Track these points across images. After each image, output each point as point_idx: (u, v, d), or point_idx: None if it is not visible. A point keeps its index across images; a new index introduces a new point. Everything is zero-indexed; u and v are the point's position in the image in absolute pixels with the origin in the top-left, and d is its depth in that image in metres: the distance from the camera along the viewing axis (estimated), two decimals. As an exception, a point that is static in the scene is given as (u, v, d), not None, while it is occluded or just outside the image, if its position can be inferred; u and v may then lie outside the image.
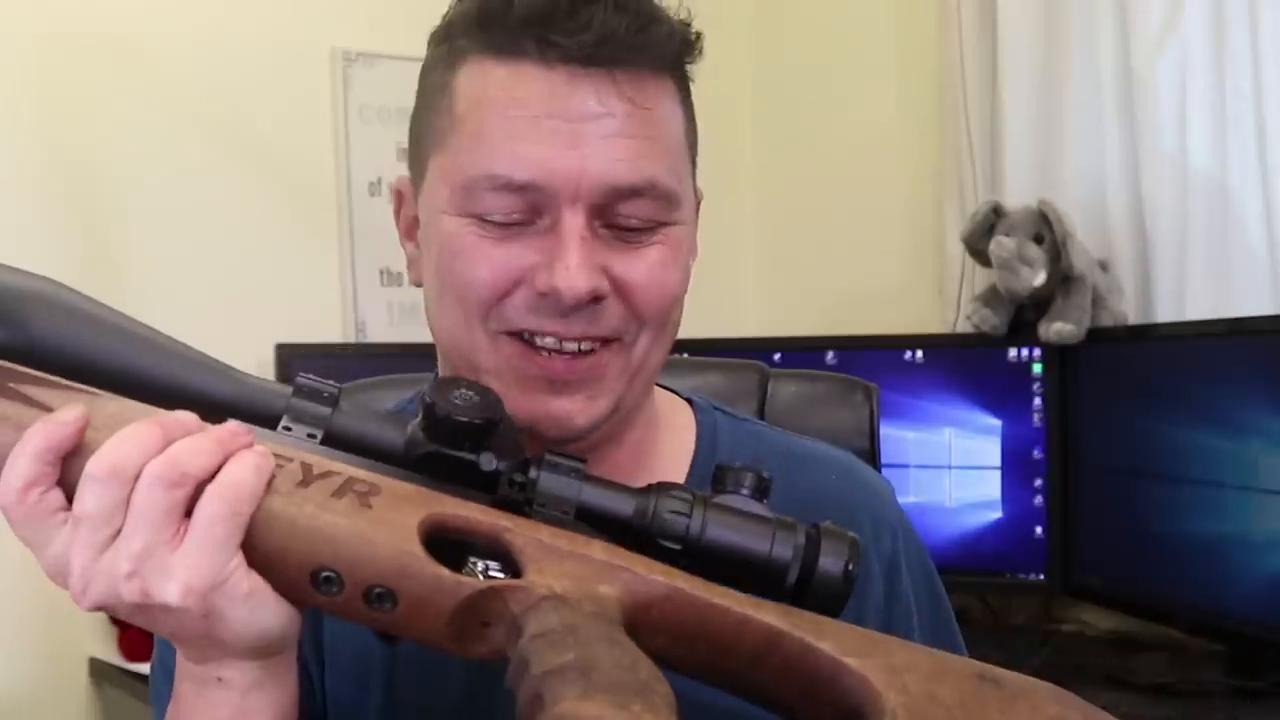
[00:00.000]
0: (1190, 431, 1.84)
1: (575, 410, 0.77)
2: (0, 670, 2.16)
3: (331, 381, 0.65)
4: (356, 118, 2.38)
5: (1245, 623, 1.75)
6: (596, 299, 0.76)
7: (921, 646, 0.64)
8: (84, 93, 2.15)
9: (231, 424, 0.60)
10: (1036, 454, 2.12)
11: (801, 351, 2.24)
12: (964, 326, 2.26)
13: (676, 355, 0.99)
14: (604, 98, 0.75)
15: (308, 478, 0.60)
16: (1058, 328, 2.04)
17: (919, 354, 2.22)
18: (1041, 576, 2.11)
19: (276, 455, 0.60)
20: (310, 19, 2.35)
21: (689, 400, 0.95)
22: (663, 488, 0.64)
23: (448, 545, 0.60)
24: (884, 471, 1.15)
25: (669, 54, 0.79)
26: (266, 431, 0.63)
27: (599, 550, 0.61)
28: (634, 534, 0.63)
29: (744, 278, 2.77)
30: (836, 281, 2.65)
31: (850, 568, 0.63)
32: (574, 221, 0.75)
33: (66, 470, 0.58)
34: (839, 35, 2.66)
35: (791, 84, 2.73)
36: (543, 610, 0.58)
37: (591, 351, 0.77)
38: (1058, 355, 2.10)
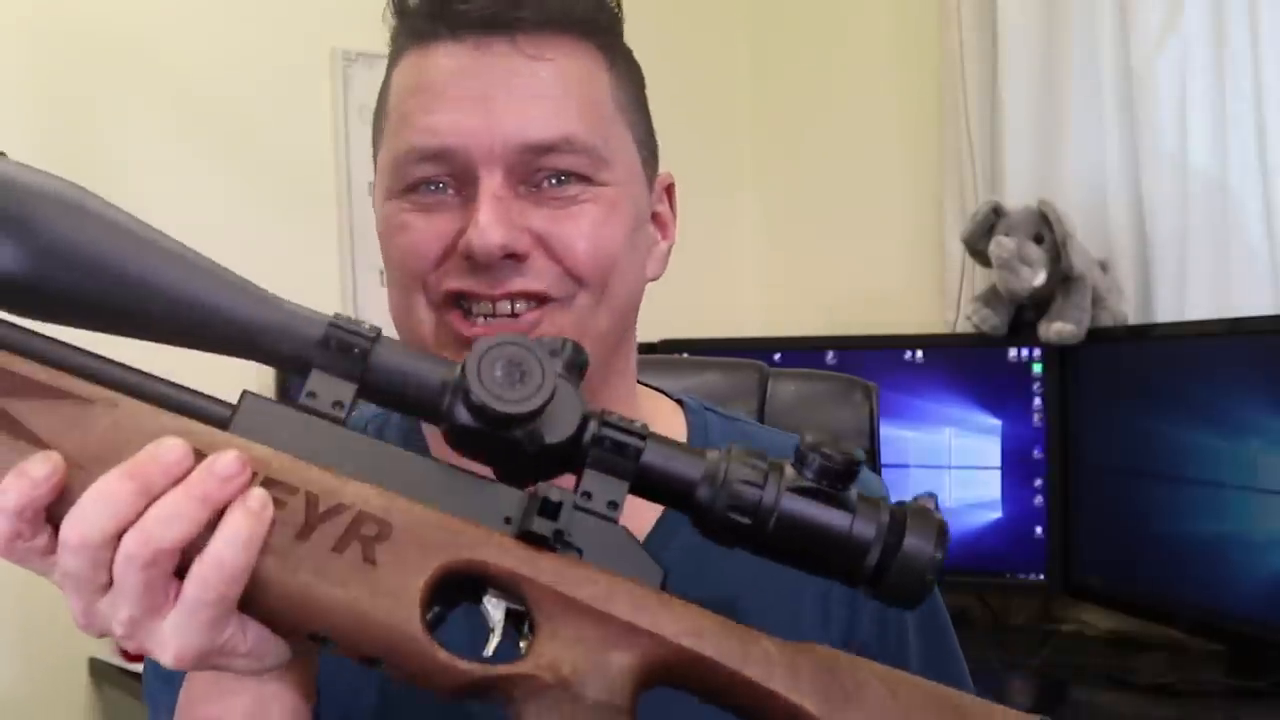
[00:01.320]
0: (1190, 431, 1.84)
1: None
2: (0, 670, 2.16)
3: (369, 325, 0.59)
4: (356, 118, 2.38)
5: (1245, 622, 1.75)
6: (514, 255, 0.77)
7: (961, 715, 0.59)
8: (83, 92, 2.15)
9: (224, 463, 0.54)
10: (1036, 454, 2.12)
11: (801, 351, 2.24)
12: (964, 326, 2.26)
13: (676, 355, 0.99)
14: (510, 59, 0.78)
15: (310, 522, 0.55)
16: (1058, 328, 2.04)
17: (919, 354, 2.22)
18: (1041, 576, 2.11)
19: (276, 489, 0.55)
20: (310, 19, 2.35)
21: (680, 401, 0.95)
22: (733, 452, 0.59)
23: (461, 588, 0.57)
24: (884, 472, 1.15)
25: (576, 14, 0.80)
26: (280, 411, 0.58)
27: (623, 603, 0.57)
28: (700, 506, 0.59)
29: (744, 278, 2.77)
30: (836, 281, 2.65)
31: (938, 555, 0.58)
32: (490, 182, 0.77)
33: (54, 510, 0.54)
34: (839, 35, 2.66)
35: (791, 84, 2.73)
36: (542, 705, 0.55)
37: (526, 312, 0.78)
38: (1058, 355, 2.10)
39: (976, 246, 2.17)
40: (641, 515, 0.85)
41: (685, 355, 2.03)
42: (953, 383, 2.19)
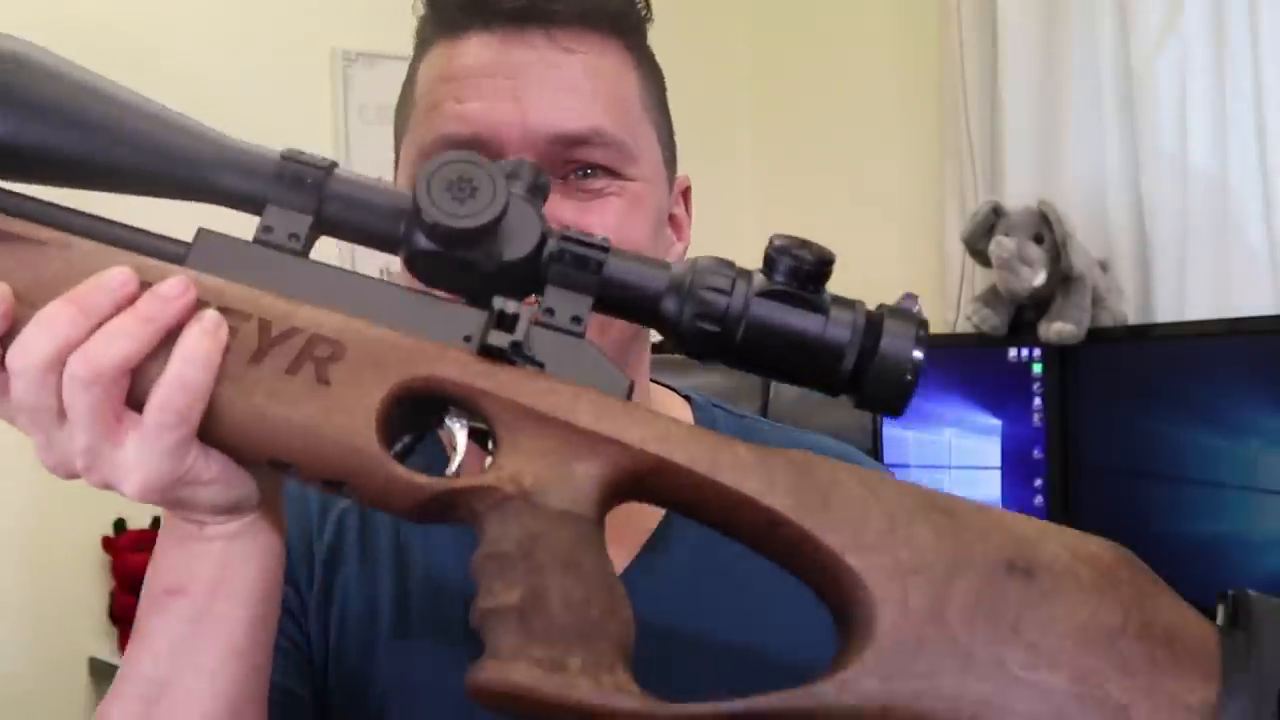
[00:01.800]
0: (1190, 431, 1.84)
1: None
2: (0, 669, 2.17)
3: (323, 159, 0.59)
4: (356, 118, 2.38)
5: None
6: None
7: (956, 522, 0.55)
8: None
9: (168, 285, 0.55)
10: (1036, 454, 2.12)
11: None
12: (964, 326, 2.26)
13: (676, 355, 0.99)
14: (543, 52, 0.78)
15: (263, 346, 0.55)
16: (1058, 328, 2.04)
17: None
18: (1041, 576, 2.11)
19: (229, 315, 0.55)
20: (310, 19, 2.36)
21: (687, 397, 0.95)
22: (700, 261, 0.58)
23: (419, 407, 0.56)
24: (884, 471, 1.15)
25: (608, 11, 0.81)
26: (237, 246, 0.58)
27: (586, 411, 0.55)
28: (667, 316, 0.57)
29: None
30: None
31: (918, 355, 0.56)
32: None
33: (6, 344, 0.54)
34: (839, 35, 2.66)
35: (792, 84, 2.73)
36: (505, 515, 0.54)
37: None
38: (1058, 355, 2.10)
39: (976, 246, 2.17)
40: (645, 518, 0.85)
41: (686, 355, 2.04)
42: (953, 383, 2.19)
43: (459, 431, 0.57)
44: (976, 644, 0.52)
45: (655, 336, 0.93)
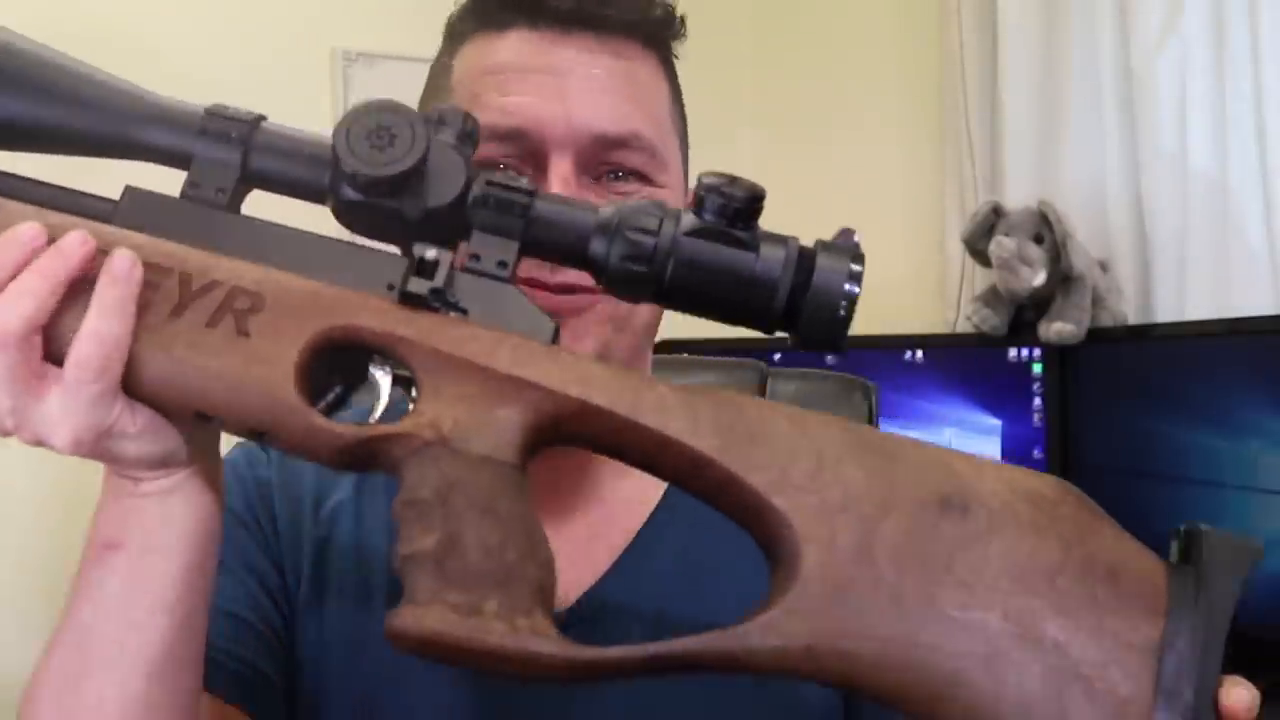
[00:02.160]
0: (1190, 431, 1.84)
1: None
2: (0, 665, 2.17)
3: (246, 112, 0.60)
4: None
5: (1244, 623, 1.74)
6: None
7: (886, 462, 0.54)
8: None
9: (69, 240, 0.55)
10: (1036, 454, 2.12)
11: (801, 351, 2.24)
12: (964, 326, 2.26)
13: (676, 355, 0.99)
14: (588, 54, 0.79)
15: (184, 300, 0.55)
16: (1058, 328, 2.04)
17: (919, 354, 2.22)
18: (1041, 576, 2.11)
19: (152, 270, 0.56)
20: (310, 19, 2.35)
21: None
22: (626, 205, 0.58)
23: (340, 357, 0.57)
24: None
25: (649, 23, 0.83)
26: (163, 202, 0.58)
27: (506, 356, 0.55)
28: (595, 259, 0.57)
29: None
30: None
31: (851, 289, 0.56)
32: (561, 166, 0.78)
33: None
34: (839, 35, 2.66)
35: (792, 84, 2.73)
36: (424, 460, 0.54)
37: (577, 294, 0.79)
38: (1057, 355, 2.10)
39: (976, 246, 2.17)
40: (629, 518, 0.86)
41: (685, 355, 2.04)
42: (952, 383, 2.19)
43: (382, 379, 0.57)
44: (906, 583, 0.51)
45: (657, 337, 0.94)
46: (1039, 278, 2.06)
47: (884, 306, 2.58)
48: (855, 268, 0.57)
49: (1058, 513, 0.53)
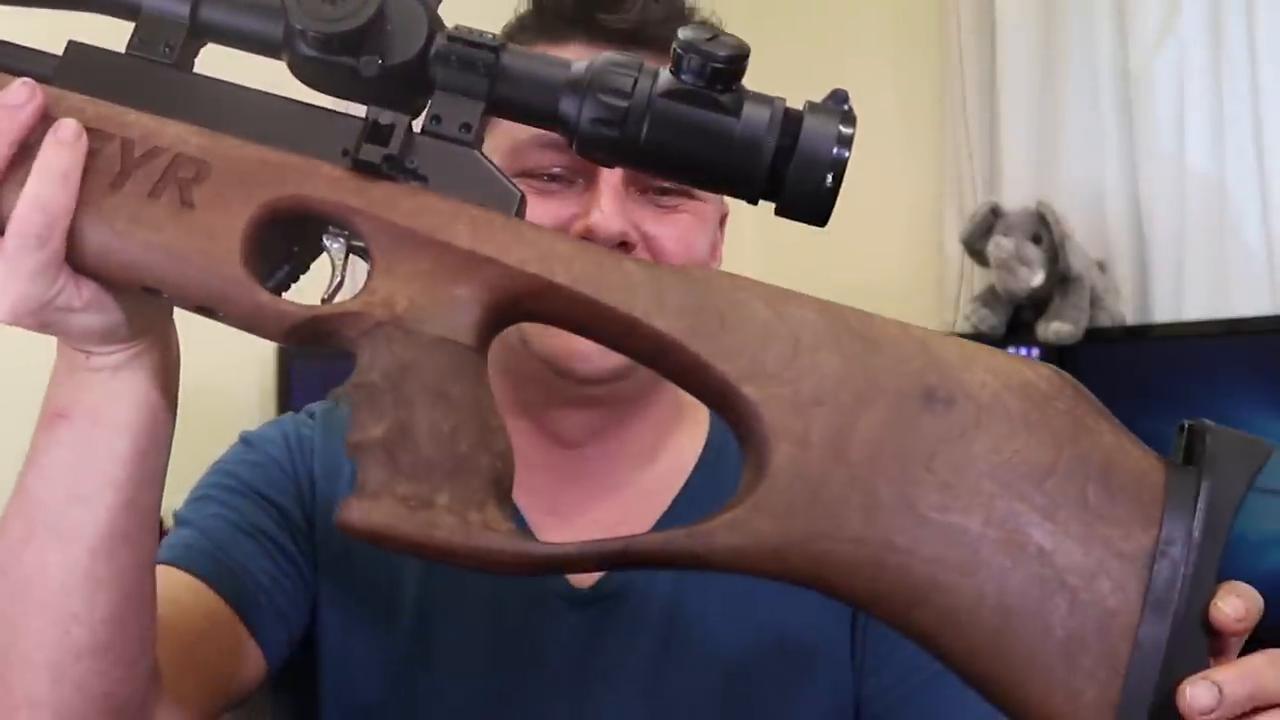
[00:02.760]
0: (1188, 431, 1.85)
1: (595, 351, 0.75)
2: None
3: None
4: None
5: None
6: (626, 244, 0.79)
7: (866, 349, 0.51)
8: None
9: (10, 92, 0.53)
10: (1035, 454, 2.12)
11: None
12: (963, 326, 2.26)
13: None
14: None
15: (125, 168, 0.53)
16: (1056, 328, 2.04)
17: (917, 354, 2.22)
18: (1040, 576, 2.12)
19: (93, 135, 0.53)
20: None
21: None
22: (598, 60, 0.54)
23: (291, 230, 0.54)
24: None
25: None
26: (109, 59, 0.56)
27: (464, 230, 0.52)
28: (564, 125, 0.54)
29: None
30: (836, 281, 2.64)
31: (840, 152, 0.52)
32: (613, 177, 0.79)
33: None
34: (838, 35, 2.66)
35: (791, 84, 2.73)
36: (375, 341, 0.52)
37: None
38: (1056, 355, 2.10)
39: (975, 247, 2.18)
40: (653, 505, 0.87)
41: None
42: (951, 383, 2.19)
43: (336, 251, 0.55)
44: (883, 483, 0.48)
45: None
46: (1037, 278, 2.07)
47: (883, 306, 2.56)
48: (845, 130, 0.53)
49: (1051, 407, 0.50)
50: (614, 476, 0.88)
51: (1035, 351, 2.13)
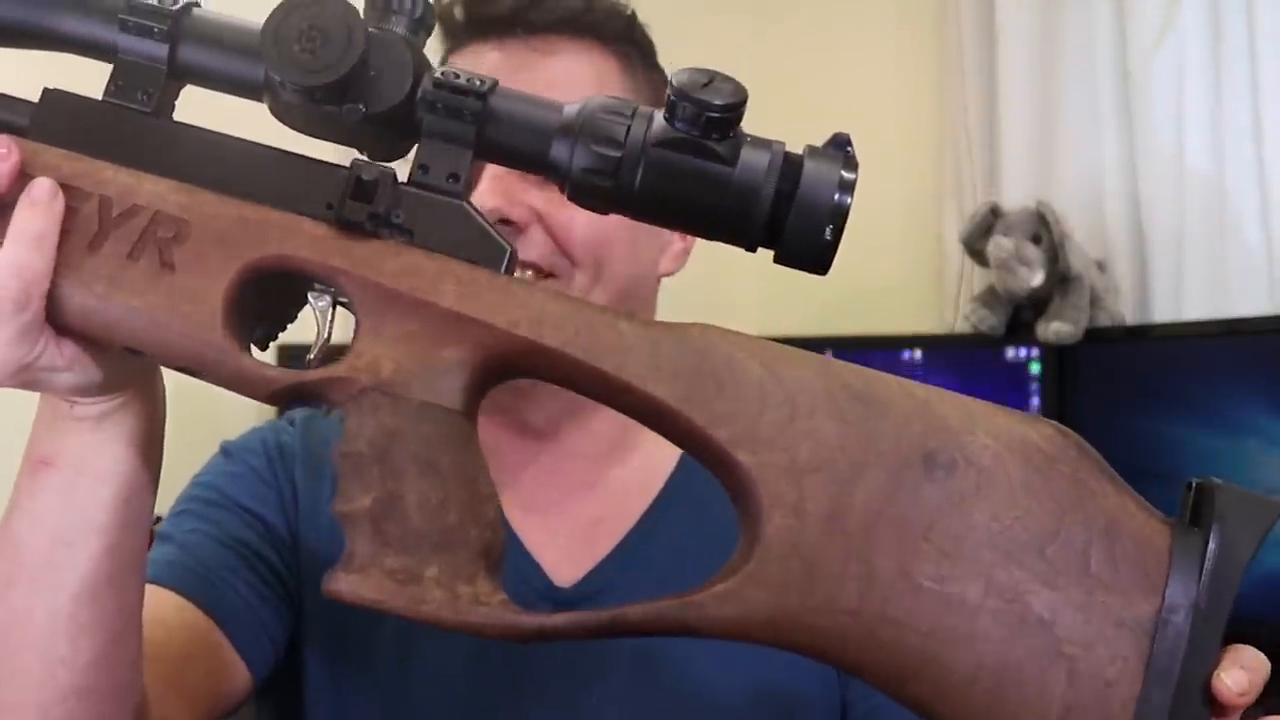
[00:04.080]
0: (1187, 431, 1.85)
1: None
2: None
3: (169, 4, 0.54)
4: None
5: (1242, 621, 1.75)
6: (508, 221, 0.79)
7: (866, 413, 0.50)
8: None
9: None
10: (1034, 453, 2.12)
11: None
12: (962, 326, 2.26)
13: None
14: (522, 55, 0.83)
15: (104, 227, 0.51)
16: (1055, 327, 2.04)
17: (917, 354, 2.22)
18: (1039, 576, 2.12)
19: (70, 194, 0.52)
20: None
21: None
22: (591, 104, 0.52)
23: (271, 293, 0.53)
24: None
25: (586, 20, 0.85)
26: (86, 106, 0.55)
27: (451, 290, 0.51)
28: (555, 168, 0.53)
29: (743, 277, 2.78)
30: (835, 281, 2.64)
31: (841, 198, 0.50)
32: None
33: None
34: (838, 35, 2.66)
35: (791, 83, 2.74)
36: (362, 408, 0.51)
37: (539, 272, 0.80)
38: (1055, 355, 2.10)
39: (975, 247, 2.18)
40: (637, 500, 0.87)
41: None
42: (951, 382, 2.18)
43: (323, 309, 0.54)
44: (879, 553, 0.47)
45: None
46: (1037, 278, 2.07)
47: (882, 306, 2.58)
48: (847, 176, 0.51)
49: (1054, 470, 0.49)
50: (589, 472, 0.88)
51: (1035, 351, 2.13)
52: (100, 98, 0.55)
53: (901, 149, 2.57)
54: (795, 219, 0.50)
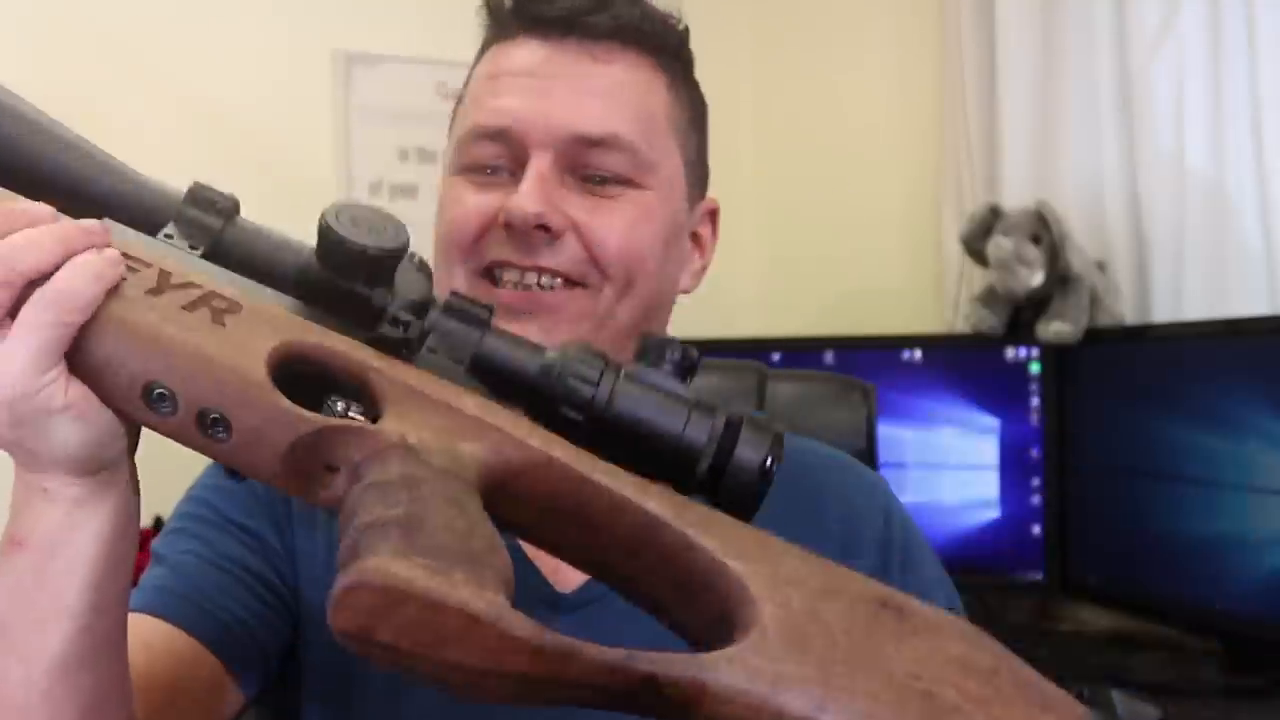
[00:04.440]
0: (1187, 431, 1.85)
1: (529, 335, 0.79)
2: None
3: (230, 194, 0.61)
4: (357, 118, 2.38)
5: (1242, 621, 1.75)
6: (546, 228, 0.81)
7: (824, 562, 0.55)
8: (84, 93, 2.16)
9: (89, 221, 0.55)
10: (1034, 453, 2.12)
11: (800, 351, 2.25)
12: (962, 327, 2.27)
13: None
14: (576, 58, 0.85)
15: (161, 286, 0.54)
16: (1055, 328, 2.04)
17: (917, 354, 2.23)
18: (1039, 576, 2.12)
19: (131, 260, 0.55)
20: (310, 20, 2.36)
21: None
22: (571, 350, 0.59)
23: (309, 381, 0.55)
24: (882, 470, 1.16)
25: (642, 30, 0.87)
26: (138, 236, 0.58)
27: (472, 403, 0.55)
28: (534, 397, 0.58)
29: (743, 278, 2.78)
30: (835, 281, 2.66)
31: (770, 463, 0.57)
32: (539, 162, 0.82)
33: None
34: (839, 35, 2.66)
35: (791, 84, 2.74)
36: (387, 459, 0.52)
37: (552, 290, 0.82)
38: (1055, 355, 2.11)
39: (974, 247, 2.18)
40: None
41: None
42: (950, 382, 2.19)
43: (339, 417, 0.55)
44: (858, 649, 0.51)
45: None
46: (1037, 278, 2.07)
47: (882, 306, 2.59)
48: (776, 447, 0.58)
49: (984, 641, 0.55)
50: None
51: (1035, 351, 2.13)
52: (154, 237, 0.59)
53: (901, 149, 2.57)
54: (729, 478, 0.57)
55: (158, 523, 2.01)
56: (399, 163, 2.40)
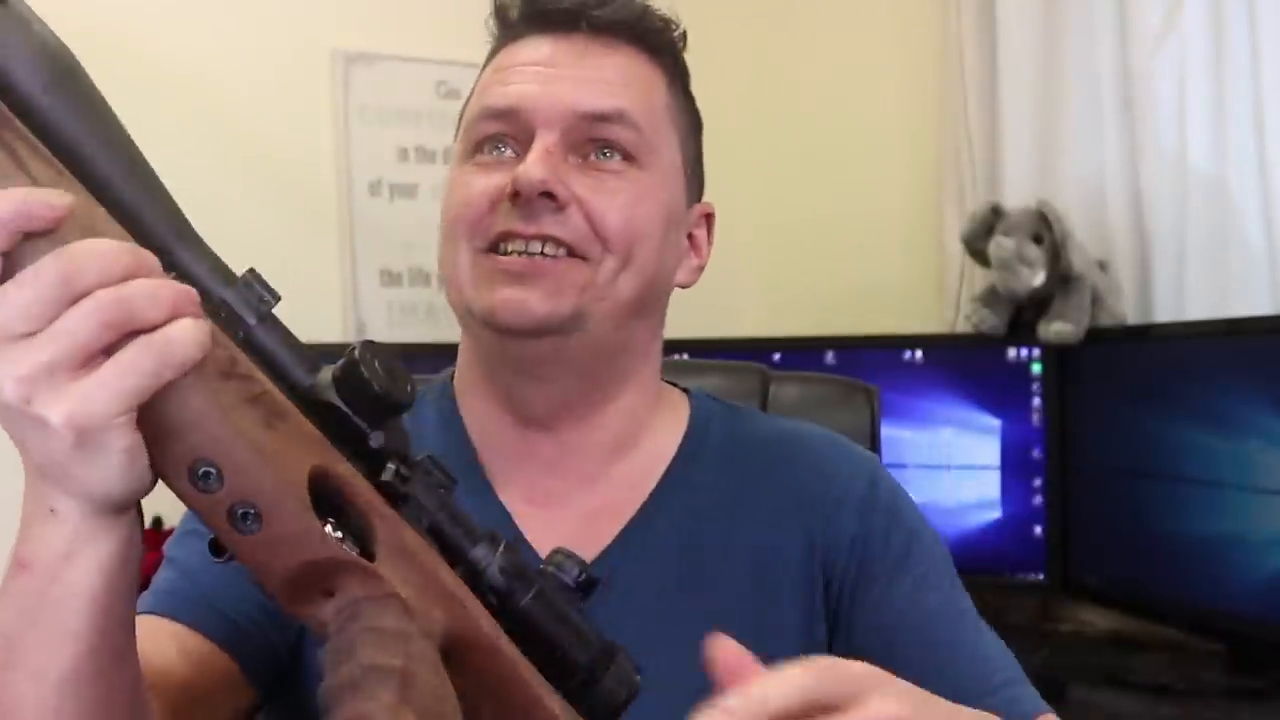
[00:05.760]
0: (1189, 431, 1.85)
1: (531, 299, 0.83)
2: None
3: (275, 292, 0.62)
4: (357, 118, 2.38)
5: (1243, 622, 1.75)
6: (552, 195, 0.83)
7: None
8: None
9: (191, 290, 0.56)
10: (1035, 454, 2.12)
11: (801, 351, 2.24)
12: (963, 326, 2.26)
13: (677, 357, 1.01)
14: (582, 47, 0.88)
15: (231, 372, 0.56)
16: (1057, 328, 2.04)
17: (918, 354, 2.22)
18: (1040, 576, 2.12)
19: (215, 339, 0.57)
20: (310, 19, 2.35)
21: (685, 390, 1.00)
22: (510, 548, 0.64)
23: (316, 499, 0.58)
24: (883, 471, 1.15)
25: (644, 26, 0.91)
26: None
27: (449, 578, 0.61)
28: (469, 574, 0.63)
29: (744, 278, 2.78)
30: (836, 281, 2.65)
31: (628, 698, 0.65)
32: (545, 138, 0.85)
33: (17, 247, 0.53)
34: (839, 35, 2.66)
35: (791, 84, 2.74)
36: (387, 607, 0.56)
37: (555, 258, 0.84)
38: (1057, 355, 2.10)
39: (976, 246, 2.17)
40: (622, 506, 0.90)
41: (686, 356, 2.04)
42: (952, 383, 2.19)
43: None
44: None
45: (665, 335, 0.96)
46: (1038, 278, 2.07)
47: (883, 306, 2.58)
48: (635, 684, 0.65)
49: None
50: (592, 466, 0.90)
51: (1036, 351, 2.12)
52: None
53: (902, 149, 2.57)
54: (597, 697, 0.65)
55: (157, 522, 2.01)
56: (398, 162, 2.40)
